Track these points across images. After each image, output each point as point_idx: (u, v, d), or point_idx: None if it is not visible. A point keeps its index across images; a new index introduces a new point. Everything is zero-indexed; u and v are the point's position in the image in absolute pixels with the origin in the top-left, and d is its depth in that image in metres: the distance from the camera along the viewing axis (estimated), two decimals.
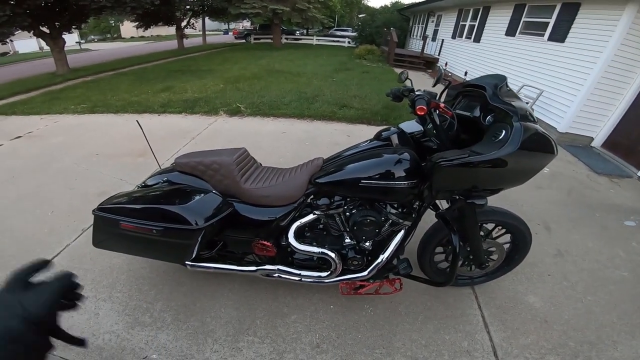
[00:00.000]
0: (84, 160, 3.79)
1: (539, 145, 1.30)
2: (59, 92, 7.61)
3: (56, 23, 9.66)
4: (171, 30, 22.23)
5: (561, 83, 5.32)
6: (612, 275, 2.34)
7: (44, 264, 0.53)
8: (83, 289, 0.55)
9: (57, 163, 3.72)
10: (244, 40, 25.23)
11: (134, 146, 4.10)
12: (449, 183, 1.40)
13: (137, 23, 17.72)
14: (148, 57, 14.99)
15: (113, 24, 47.33)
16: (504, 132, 1.25)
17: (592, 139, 5.05)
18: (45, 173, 3.49)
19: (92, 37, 47.21)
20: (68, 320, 1.83)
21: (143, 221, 1.49)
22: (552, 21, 5.88)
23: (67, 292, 0.52)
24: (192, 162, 1.70)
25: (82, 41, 32.99)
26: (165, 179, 1.77)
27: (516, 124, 1.23)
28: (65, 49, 10.48)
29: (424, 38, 13.62)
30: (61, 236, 2.50)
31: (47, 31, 9.63)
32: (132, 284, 2.09)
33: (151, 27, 18.36)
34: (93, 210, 1.59)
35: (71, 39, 19.77)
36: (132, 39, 42.34)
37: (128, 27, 39.33)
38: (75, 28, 11.24)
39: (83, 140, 4.44)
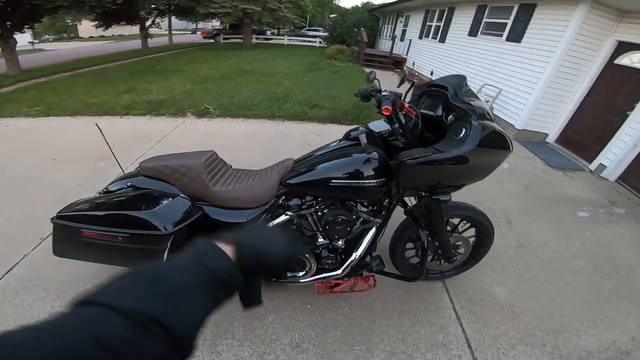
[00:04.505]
0: (40, 166, 3.55)
1: (496, 142, 1.38)
2: (10, 94, 7.07)
3: (7, 23, 8.98)
4: (134, 29, 21.21)
5: (518, 82, 5.62)
6: (570, 265, 2.50)
7: None
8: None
9: (10, 169, 3.46)
10: (212, 40, 24.63)
11: (94, 150, 3.87)
12: (414, 180, 1.44)
13: (96, 22, 16.74)
14: (109, 57, 14.24)
15: (70, 23, 44.60)
16: (464, 130, 1.31)
17: (546, 135, 5.40)
18: None
19: (47, 36, 44.08)
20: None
21: (107, 228, 1.44)
22: (510, 22, 6.19)
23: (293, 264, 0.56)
24: (158, 166, 1.65)
25: (36, 41, 30.64)
26: (129, 184, 1.70)
27: (474, 123, 1.29)
28: (17, 49, 9.75)
29: (393, 38, 13.92)
30: (18, 246, 2.34)
31: None
32: None
33: (112, 26, 17.41)
34: (52, 219, 1.51)
35: (23, 38, 18.30)
36: (91, 38, 40.01)
37: (87, 27, 36.95)
38: (28, 28, 10.48)
39: (38, 144, 4.16)
